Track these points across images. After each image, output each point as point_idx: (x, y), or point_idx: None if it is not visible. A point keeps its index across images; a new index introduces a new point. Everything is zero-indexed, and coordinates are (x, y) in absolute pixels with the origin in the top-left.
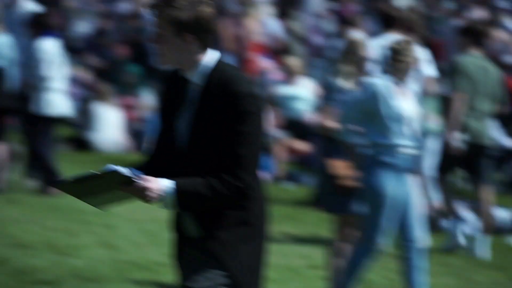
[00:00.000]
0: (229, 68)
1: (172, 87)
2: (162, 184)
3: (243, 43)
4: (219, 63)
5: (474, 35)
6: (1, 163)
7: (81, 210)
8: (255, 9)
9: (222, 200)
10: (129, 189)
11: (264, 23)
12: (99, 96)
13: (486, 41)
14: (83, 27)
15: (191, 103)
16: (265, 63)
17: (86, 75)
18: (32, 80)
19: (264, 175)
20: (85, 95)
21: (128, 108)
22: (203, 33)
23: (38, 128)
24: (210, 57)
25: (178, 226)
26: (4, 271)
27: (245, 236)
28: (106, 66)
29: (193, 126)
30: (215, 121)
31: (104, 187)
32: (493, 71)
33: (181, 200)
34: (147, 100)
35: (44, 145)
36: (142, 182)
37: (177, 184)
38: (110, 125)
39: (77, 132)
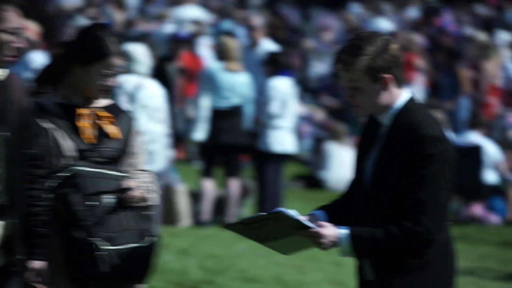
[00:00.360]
0: (417, 109)
1: (369, 129)
2: (336, 231)
3: (481, 86)
4: (408, 104)
5: None
6: (234, 198)
7: None
8: (495, 53)
9: (401, 246)
10: (303, 233)
11: (503, 66)
12: (333, 136)
13: None
14: (319, 67)
15: (379, 144)
16: (502, 107)
17: (320, 115)
18: (262, 117)
19: (496, 218)
20: (319, 134)
21: None
22: (397, 69)
23: (266, 165)
24: (402, 97)
25: (359, 269)
26: None
27: (421, 285)
28: (341, 106)
29: (376, 167)
30: (398, 163)
31: (279, 230)
32: None
33: (356, 247)
34: None
35: (272, 182)
36: (316, 228)
37: (352, 231)
38: (343, 164)
39: (309, 170)
